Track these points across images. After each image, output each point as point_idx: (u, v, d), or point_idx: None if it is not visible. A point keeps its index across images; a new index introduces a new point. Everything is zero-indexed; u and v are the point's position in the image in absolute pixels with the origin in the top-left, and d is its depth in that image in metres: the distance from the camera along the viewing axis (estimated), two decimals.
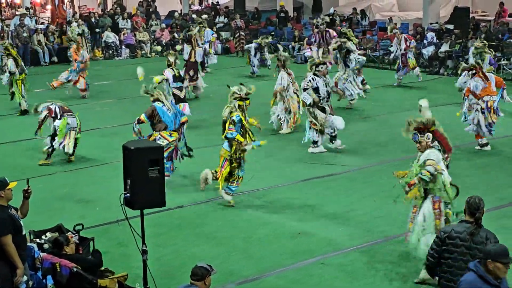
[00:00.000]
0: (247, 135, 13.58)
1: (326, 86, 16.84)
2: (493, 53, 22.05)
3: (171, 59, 19.76)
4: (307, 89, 16.63)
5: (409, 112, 14.93)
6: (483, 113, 16.73)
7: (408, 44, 24.49)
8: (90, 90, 24.17)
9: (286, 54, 20.72)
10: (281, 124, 19.16)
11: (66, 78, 23.41)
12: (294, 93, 18.98)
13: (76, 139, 16.29)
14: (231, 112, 13.48)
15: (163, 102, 14.89)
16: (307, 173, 15.34)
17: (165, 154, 13.78)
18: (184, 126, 15.11)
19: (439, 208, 9.99)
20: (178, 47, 25.49)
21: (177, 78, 19.56)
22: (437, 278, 7.77)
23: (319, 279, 10.52)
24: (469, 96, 16.88)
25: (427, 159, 10.04)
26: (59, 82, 23.33)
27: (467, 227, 7.51)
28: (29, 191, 8.86)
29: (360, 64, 22.27)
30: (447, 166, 10.55)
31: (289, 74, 19.24)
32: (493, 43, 26.25)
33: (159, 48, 29.25)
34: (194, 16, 34.24)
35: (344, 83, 21.12)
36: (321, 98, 16.68)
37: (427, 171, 9.94)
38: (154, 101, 14.88)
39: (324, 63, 16.93)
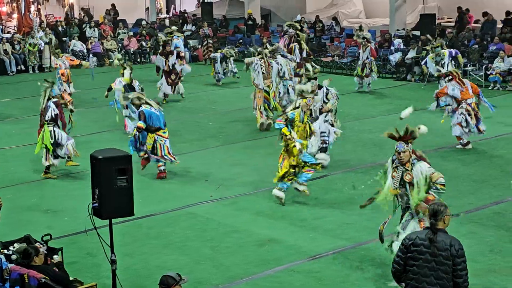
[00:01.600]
0: (303, 134, 14.07)
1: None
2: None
3: (126, 72, 19.60)
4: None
5: (375, 119, 15.12)
6: (469, 114, 17.17)
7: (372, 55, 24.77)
8: None
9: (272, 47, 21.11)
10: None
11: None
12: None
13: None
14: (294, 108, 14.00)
15: (149, 104, 15.20)
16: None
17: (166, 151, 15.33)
18: None
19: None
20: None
21: (129, 87, 19.33)
22: (403, 284, 7.80)
23: (288, 286, 10.53)
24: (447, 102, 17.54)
25: (431, 172, 9.83)
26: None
27: (428, 233, 7.57)
28: (0, 203, 8.79)
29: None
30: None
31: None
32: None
33: (118, 56, 28.72)
34: (170, 25, 34.28)
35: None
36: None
37: (442, 184, 9.83)
38: (139, 106, 15.15)
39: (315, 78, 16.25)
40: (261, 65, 19.60)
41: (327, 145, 15.93)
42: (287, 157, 13.62)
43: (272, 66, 19.83)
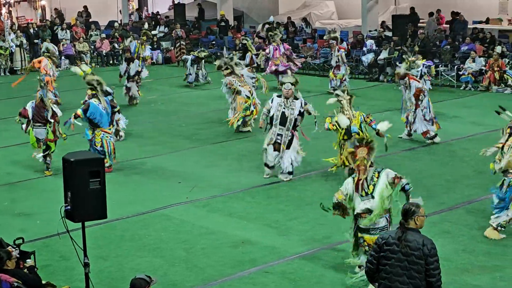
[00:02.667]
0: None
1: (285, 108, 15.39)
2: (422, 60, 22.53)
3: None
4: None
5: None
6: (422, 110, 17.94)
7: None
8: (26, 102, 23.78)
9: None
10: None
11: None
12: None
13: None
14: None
15: (99, 100, 15.27)
16: (248, 182, 15.36)
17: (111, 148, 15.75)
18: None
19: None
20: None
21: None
22: (376, 284, 7.83)
23: (263, 287, 10.53)
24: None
25: (394, 176, 10.05)
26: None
27: (398, 232, 7.61)
28: None
29: None
30: None
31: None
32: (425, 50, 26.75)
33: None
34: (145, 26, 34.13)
35: None
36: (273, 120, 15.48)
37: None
38: (91, 97, 15.33)
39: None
40: (235, 81, 19.67)
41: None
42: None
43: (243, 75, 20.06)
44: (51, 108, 16.03)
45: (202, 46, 33.01)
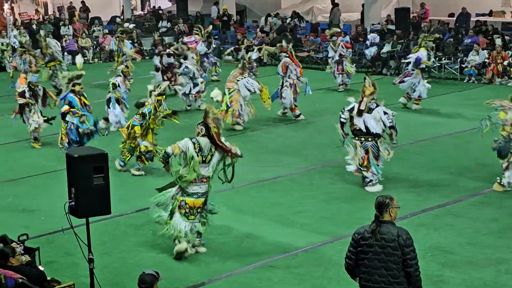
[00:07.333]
0: None
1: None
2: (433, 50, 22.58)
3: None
4: None
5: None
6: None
7: (344, 52, 24.63)
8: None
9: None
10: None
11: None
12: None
13: None
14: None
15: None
16: (251, 177, 15.33)
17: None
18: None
19: None
20: None
21: None
22: (357, 279, 7.86)
23: (268, 282, 10.53)
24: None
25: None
26: None
27: (372, 225, 7.63)
28: None
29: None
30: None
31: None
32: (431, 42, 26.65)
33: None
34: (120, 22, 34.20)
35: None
36: None
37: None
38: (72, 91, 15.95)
39: None
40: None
41: None
42: None
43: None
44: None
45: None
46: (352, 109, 14.31)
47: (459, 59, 26.57)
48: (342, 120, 14.42)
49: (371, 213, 7.94)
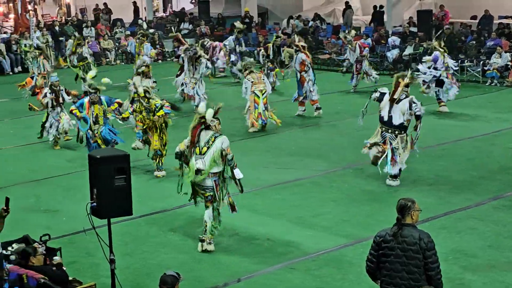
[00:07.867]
0: None
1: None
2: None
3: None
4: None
5: (373, 116, 15.10)
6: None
7: (362, 51, 24.51)
8: None
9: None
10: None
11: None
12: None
13: None
14: None
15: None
16: (272, 179, 15.34)
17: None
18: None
19: None
20: None
21: None
22: (379, 282, 7.84)
23: (288, 284, 10.53)
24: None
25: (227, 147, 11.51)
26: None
27: (394, 228, 7.61)
28: (8, 210, 8.77)
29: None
30: None
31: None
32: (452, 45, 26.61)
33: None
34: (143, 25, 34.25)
35: (193, 87, 22.23)
36: None
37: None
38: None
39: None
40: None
41: None
42: None
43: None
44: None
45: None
46: (384, 94, 14.67)
47: (481, 62, 26.42)
48: (372, 96, 14.92)
49: (391, 216, 7.94)
